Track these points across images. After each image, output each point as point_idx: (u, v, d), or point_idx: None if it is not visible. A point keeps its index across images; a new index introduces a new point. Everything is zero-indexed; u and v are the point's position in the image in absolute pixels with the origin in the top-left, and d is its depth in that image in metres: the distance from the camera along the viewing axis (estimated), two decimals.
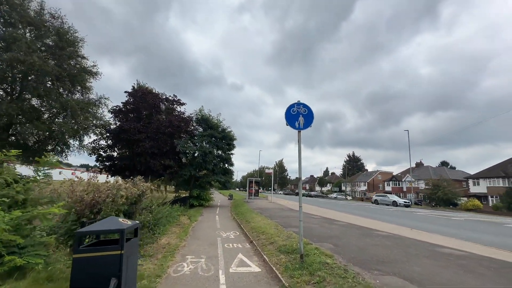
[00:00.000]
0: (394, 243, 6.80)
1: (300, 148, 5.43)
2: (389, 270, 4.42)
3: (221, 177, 21.92)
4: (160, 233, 8.19)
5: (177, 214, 12.20)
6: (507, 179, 39.96)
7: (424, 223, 13.62)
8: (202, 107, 23.17)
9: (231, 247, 7.16)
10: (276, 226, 9.34)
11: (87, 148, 18.57)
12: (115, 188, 5.77)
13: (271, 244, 6.86)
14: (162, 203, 10.65)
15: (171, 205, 13.44)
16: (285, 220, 11.23)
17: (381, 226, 10.55)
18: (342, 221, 11.54)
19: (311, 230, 8.79)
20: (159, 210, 9.06)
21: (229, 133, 23.43)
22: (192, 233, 9.15)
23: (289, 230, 8.61)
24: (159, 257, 5.83)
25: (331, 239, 7.14)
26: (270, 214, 13.57)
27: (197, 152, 21.77)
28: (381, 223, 11.84)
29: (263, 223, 10.30)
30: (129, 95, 21.57)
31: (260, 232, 8.57)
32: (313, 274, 4.36)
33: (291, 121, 5.47)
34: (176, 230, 9.37)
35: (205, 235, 8.93)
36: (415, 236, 8.33)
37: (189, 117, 23.49)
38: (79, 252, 2.92)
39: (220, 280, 4.59)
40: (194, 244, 7.45)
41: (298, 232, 8.22)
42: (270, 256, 5.83)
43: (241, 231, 9.93)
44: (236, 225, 11.53)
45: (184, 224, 10.86)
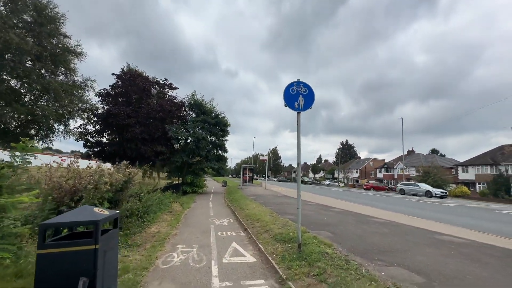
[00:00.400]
0: (393, 231, 6.62)
1: (299, 131, 5.00)
2: (392, 260, 4.17)
3: (215, 164, 21.51)
4: (150, 221, 7.81)
5: (169, 201, 11.83)
6: (495, 166, 40.98)
7: (417, 209, 13.69)
8: (195, 91, 22.33)
9: (224, 236, 6.87)
10: (271, 213, 9.09)
11: (73, 133, 17.74)
12: (97, 174, 5.28)
13: (267, 232, 6.59)
14: (153, 190, 10.22)
15: (162, 192, 13.04)
16: (280, 207, 11.01)
17: (376, 213, 10.45)
18: (338, 208, 11.41)
19: (307, 217, 8.58)
20: (149, 197, 8.64)
21: (223, 118, 22.79)
22: (184, 221, 8.82)
23: (285, 217, 8.36)
24: (147, 246, 5.46)
25: (329, 227, 6.91)
26: (265, 201, 13.35)
27: (189, 138, 21.17)
28: (375, 210, 11.78)
29: (258, 210, 10.05)
30: (118, 78, 20.53)
31: (255, 219, 8.30)
32: (312, 265, 4.08)
33: (290, 101, 5.00)
34: (168, 217, 9.02)
35: (198, 222, 8.62)
36: (411, 222, 8.22)
37: (181, 102, 22.68)
38: (45, 247, 2.48)
39: (212, 271, 4.27)
40: (185, 232, 7.12)
41: (294, 220, 8.01)
42: (266, 245, 5.55)
43: (235, 218, 9.67)
44: (230, 212, 11.26)
45: (176, 211, 10.52)
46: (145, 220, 7.60)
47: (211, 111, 22.38)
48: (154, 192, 10.12)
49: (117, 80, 20.44)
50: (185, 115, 22.48)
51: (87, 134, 19.13)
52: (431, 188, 29.61)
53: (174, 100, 22.52)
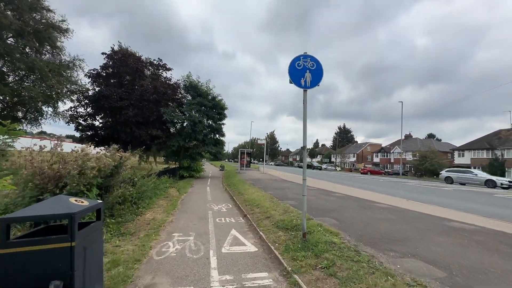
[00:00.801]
0: (399, 217, 6.37)
1: (305, 111, 4.52)
2: (406, 251, 3.87)
3: (212, 148, 21.08)
4: (145, 207, 7.46)
5: (165, 186, 11.48)
6: (491, 151, 41.22)
7: (416, 193, 13.58)
8: (190, 73, 21.37)
9: (223, 222, 6.56)
10: (271, 199, 8.80)
11: (63, 116, 16.99)
12: (81, 158, 4.80)
13: (267, 219, 6.28)
14: (148, 175, 9.81)
15: (158, 176, 12.67)
16: (280, 192, 10.74)
17: (377, 198, 10.25)
18: (339, 192, 11.19)
19: (309, 203, 8.28)
20: (143, 183, 8.25)
21: (220, 101, 22.06)
22: (180, 207, 8.51)
23: (286, 202, 8.07)
24: (141, 235, 5.12)
25: (332, 213, 6.63)
26: (264, 186, 13.09)
27: (186, 121, 20.56)
28: (376, 194, 11.60)
29: (257, 195, 9.76)
30: (108, 57, 19.46)
31: (254, 205, 8.01)
32: (319, 256, 3.76)
33: (296, 77, 4.47)
34: (164, 203, 8.69)
35: (195, 208, 8.31)
36: (414, 207, 8.00)
37: (176, 84, 21.81)
38: (9, 246, 2.06)
39: (211, 263, 3.95)
40: (182, 219, 6.80)
41: (296, 206, 7.71)
42: (267, 233, 5.24)
43: (233, 203, 9.39)
44: (229, 197, 10.99)
45: (172, 196, 10.20)
46: (139, 207, 7.25)
47: (208, 94, 21.59)
48: (149, 177, 9.73)
49: (108, 60, 19.39)
50: (180, 98, 21.70)
51: (78, 117, 18.39)
52: (495, 177, 22.28)
53: (168, 82, 21.63)
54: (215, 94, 22.02)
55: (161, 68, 22.40)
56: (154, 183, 10.07)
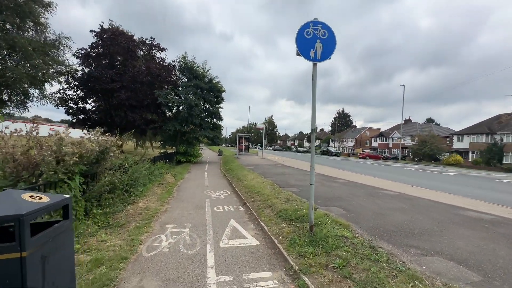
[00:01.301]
0: (410, 206, 5.97)
1: (315, 89, 3.91)
2: (428, 247, 3.45)
3: (210, 133, 20.44)
4: (137, 195, 7.00)
5: (160, 172, 11.00)
6: (491, 135, 41.03)
7: (416, 178, 13.29)
8: (186, 53, 20.22)
9: (221, 211, 6.13)
10: (271, 185, 8.37)
11: (51, 99, 16.11)
12: (55, 143, 4.21)
13: (269, 208, 5.85)
14: (141, 160, 9.28)
15: (153, 162, 12.16)
16: (281, 178, 10.32)
17: (381, 183, 9.88)
18: (341, 178, 10.80)
19: (308, 188, 7.89)
20: (135, 169, 7.73)
21: (217, 84, 21.13)
22: (176, 194, 8.06)
23: (288, 190, 7.64)
24: (131, 227, 4.66)
25: (338, 201, 6.21)
26: (263, 171, 12.67)
27: (181, 105, 19.77)
28: (378, 180, 11.25)
29: (257, 181, 9.33)
30: (97, 36, 18.24)
31: (254, 192, 7.57)
32: (330, 253, 3.33)
33: (304, 48, 3.82)
34: (158, 190, 8.23)
35: (192, 195, 7.87)
36: (424, 195, 7.63)
37: (171, 65, 20.76)
38: None
39: (207, 260, 3.51)
40: (177, 207, 6.35)
41: (298, 193, 7.26)
42: (269, 224, 4.81)
43: (232, 190, 8.96)
44: (227, 183, 10.57)
45: (168, 183, 9.74)
46: (131, 195, 6.79)
47: (204, 76, 20.62)
48: (142, 163, 9.21)
49: (97, 38, 18.20)
50: (175, 80, 20.74)
51: (68, 100, 17.51)
52: None
53: (162, 63, 20.55)
54: (212, 76, 21.07)
55: (155, 48, 21.21)
56: (148, 169, 9.57)
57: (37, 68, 13.61)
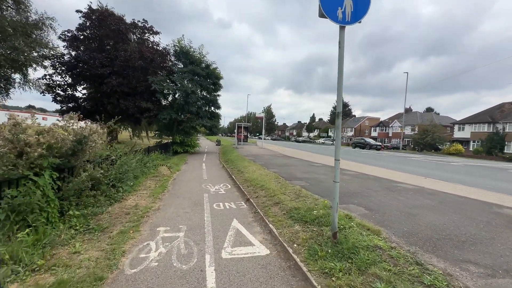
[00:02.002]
0: (438, 203, 5.25)
1: (342, 59, 3.05)
2: (490, 263, 2.72)
3: (207, 122, 19.49)
4: (127, 191, 6.21)
5: (154, 163, 10.19)
6: (493, 124, 40.46)
7: (428, 169, 12.62)
8: (183, 36, 18.93)
9: (222, 209, 5.38)
10: (276, 179, 7.61)
11: (35, 85, 14.98)
12: (9, 130, 3.35)
13: (276, 206, 5.10)
14: (132, 151, 8.43)
15: (147, 152, 11.33)
16: (285, 170, 9.57)
17: (394, 176, 9.18)
18: (351, 170, 10.07)
19: (322, 183, 7.15)
20: (125, 161, 6.89)
21: (215, 70, 20.01)
22: (171, 188, 7.28)
23: (295, 184, 6.89)
24: (114, 232, 3.89)
25: (356, 198, 5.48)
26: (265, 162, 11.90)
27: (177, 92, 18.71)
28: (389, 171, 10.55)
29: (259, 173, 8.57)
30: (84, 17, 16.87)
31: (258, 185, 6.81)
32: (364, 271, 2.59)
33: (330, 6, 2.93)
34: (152, 184, 7.45)
35: (188, 190, 7.10)
36: (447, 189, 6.93)
37: (166, 50, 19.51)
38: None
39: (207, 278, 2.76)
40: (172, 205, 5.58)
41: (308, 188, 6.41)
42: (280, 226, 4.06)
43: (233, 183, 8.21)
44: (227, 175, 9.80)
45: (163, 175, 8.95)
46: (119, 190, 5.99)
47: (201, 61, 19.46)
48: (134, 154, 8.37)
49: (85, 20, 16.83)
50: (171, 66, 19.55)
51: (55, 86, 16.34)
52: None
53: (156, 47, 19.28)
54: (209, 61, 19.91)
55: (148, 32, 19.84)
56: (140, 160, 8.75)
57: (18, 51, 12.44)
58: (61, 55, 15.55)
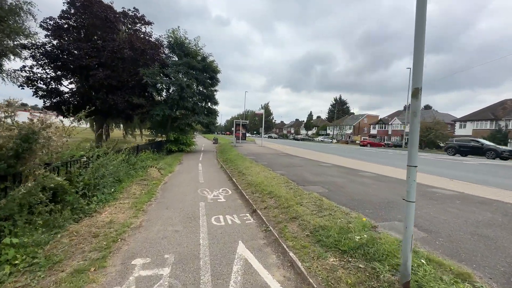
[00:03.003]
0: (502, 215, 4.13)
1: (424, 11, 1.84)
2: None
3: (204, 118, 18.18)
4: (103, 201, 4.97)
5: (144, 164, 8.94)
6: (495, 121, 39.82)
7: (446, 169, 11.56)
8: (178, 27, 17.50)
9: (222, 225, 4.17)
10: (286, 183, 6.41)
11: (12, 77, 13.56)
12: None
13: (293, 222, 3.91)
14: (115, 150, 7.16)
15: (136, 152, 10.07)
16: (293, 172, 8.38)
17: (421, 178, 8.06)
18: (366, 171, 8.93)
19: (342, 189, 5.98)
20: (102, 163, 5.63)
21: (212, 63, 18.70)
22: (160, 195, 6.04)
23: (310, 189, 5.71)
24: (67, 271, 2.66)
25: (395, 210, 4.31)
26: (268, 162, 10.71)
27: (171, 86, 17.40)
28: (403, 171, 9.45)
29: (264, 176, 7.37)
30: (68, 3, 15.42)
31: (265, 192, 5.62)
32: None
33: None
34: (137, 190, 6.21)
35: (181, 197, 5.88)
36: (493, 195, 5.81)
37: (159, 41, 18.13)
38: None
39: None
40: (158, 220, 4.36)
41: (328, 196, 5.03)
42: (305, 257, 2.87)
43: (234, 188, 7.00)
44: (226, 177, 8.59)
45: (152, 178, 7.71)
46: (92, 201, 4.74)
47: (197, 54, 18.13)
48: (116, 154, 7.09)
49: (68, 6, 15.39)
50: (164, 59, 18.21)
51: (37, 79, 14.90)
52: None
53: (148, 38, 17.89)
54: (205, 54, 18.57)
55: (139, 21, 18.46)
56: (125, 161, 7.49)
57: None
58: (42, 44, 14.11)
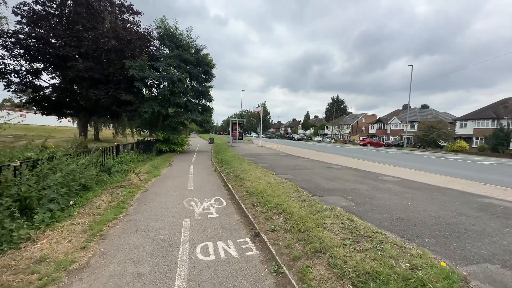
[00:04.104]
0: None
1: None
2: None
3: (197, 116, 16.70)
4: (46, 221, 3.56)
5: (122, 168, 7.51)
6: (497, 120, 39.06)
7: (462, 170, 10.38)
8: (164, 17, 15.98)
9: (212, 262, 2.81)
10: (296, 191, 5.06)
11: None
12: None
13: (319, 258, 2.57)
14: (81, 151, 5.74)
15: (116, 152, 8.64)
16: (301, 176, 7.03)
17: (443, 181, 6.81)
18: (384, 174, 7.65)
19: (372, 201, 4.64)
20: (53, 168, 4.22)
21: (206, 56, 17.26)
22: (133, 210, 4.64)
23: (329, 202, 4.37)
24: None
25: (463, 236, 3.00)
26: (270, 164, 9.36)
27: (162, 81, 15.94)
28: (432, 175, 8.21)
29: (267, 181, 6.02)
30: None
31: (270, 204, 4.26)
32: None
33: None
34: (105, 201, 4.81)
35: (160, 212, 4.49)
36: None
37: (148, 32, 16.65)
38: None
39: None
40: (116, 253, 2.97)
41: (358, 213, 3.56)
42: None
43: (229, 196, 5.64)
44: (220, 182, 7.21)
45: (131, 185, 6.30)
46: (22, 226, 3.33)
47: (190, 46, 16.68)
48: (77, 157, 5.66)
49: None
50: (154, 51, 16.74)
51: (10, 72, 13.32)
52: None
53: (136, 28, 16.39)
54: (199, 46, 17.13)
55: (127, 10, 16.95)
56: (97, 165, 6.08)
57: None
58: (14, 32, 12.53)
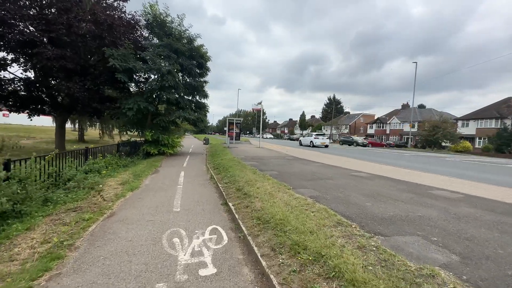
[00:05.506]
0: None
1: None
2: None
3: (190, 114, 14.83)
4: None
5: (95, 176, 5.67)
6: (500, 120, 38.13)
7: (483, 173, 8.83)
8: (156, 1, 14.09)
9: None
10: (338, 222, 3.29)
11: None
12: None
13: None
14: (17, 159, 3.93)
15: (85, 156, 6.79)
16: (327, 190, 5.29)
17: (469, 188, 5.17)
18: (434, 186, 5.92)
19: (452, 236, 2.93)
20: None
21: (200, 47, 15.44)
22: (75, 260, 2.81)
23: (407, 249, 2.64)
24: None
25: None
26: (279, 172, 7.60)
27: (149, 74, 14.09)
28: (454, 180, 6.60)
29: (284, 201, 4.27)
30: None
31: (304, 251, 2.52)
32: None
33: None
34: (35, 241, 3.00)
35: (119, 267, 2.68)
36: None
37: (134, 19, 14.70)
38: None
39: None
40: None
41: (470, 279, 2.26)
42: None
43: (230, 223, 3.87)
44: (217, 198, 5.42)
45: (92, 205, 4.48)
46: None
47: (181, 35, 14.84)
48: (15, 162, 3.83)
49: None
50: (141, 41, 14.85)
51: None
52: None
53: (121, 14, 14.43)
54: (192, 36, 15.31)
55: None
56: (29, 178, 4.25)
57: None
58: None
